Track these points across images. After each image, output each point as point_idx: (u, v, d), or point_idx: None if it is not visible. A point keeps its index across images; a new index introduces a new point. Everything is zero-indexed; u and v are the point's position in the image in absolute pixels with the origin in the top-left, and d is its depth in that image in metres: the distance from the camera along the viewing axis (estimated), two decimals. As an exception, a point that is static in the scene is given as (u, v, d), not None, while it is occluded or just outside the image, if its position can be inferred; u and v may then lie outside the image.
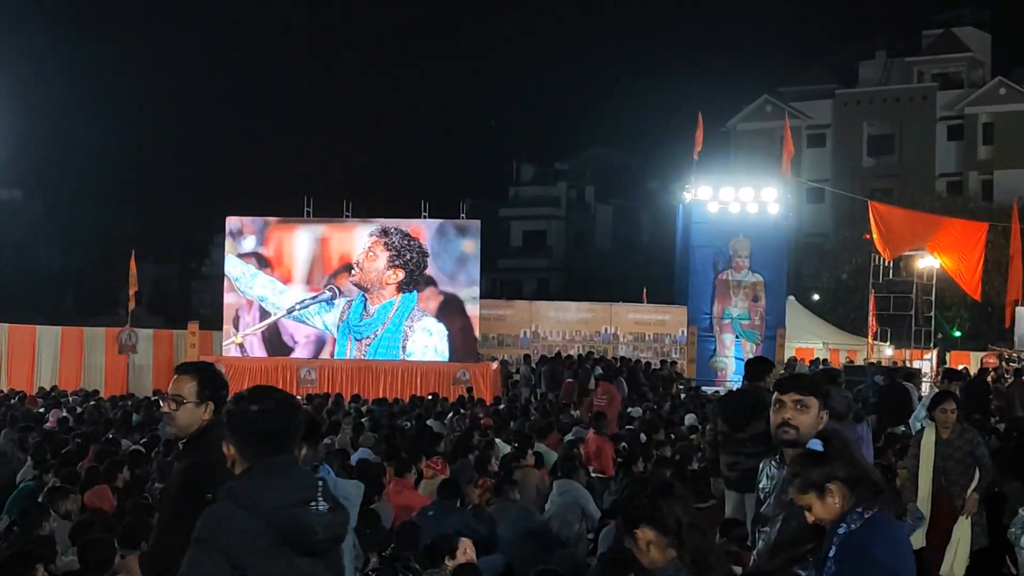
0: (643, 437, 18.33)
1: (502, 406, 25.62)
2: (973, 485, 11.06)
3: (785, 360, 36.59)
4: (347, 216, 35.40)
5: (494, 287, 65.60)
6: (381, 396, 29.05)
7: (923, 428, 11.57)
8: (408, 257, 34.30)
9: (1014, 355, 40.22)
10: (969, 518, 11.09)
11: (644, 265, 64.48)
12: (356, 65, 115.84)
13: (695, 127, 39.64)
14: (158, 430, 18.82)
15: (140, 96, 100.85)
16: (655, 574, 4.92)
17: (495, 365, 34.51)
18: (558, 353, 36.08)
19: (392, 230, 34.50)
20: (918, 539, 10.70)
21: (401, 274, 34.23)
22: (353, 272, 34.26)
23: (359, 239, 34.60)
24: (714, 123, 63.82)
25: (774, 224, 38.10)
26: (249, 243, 34.98)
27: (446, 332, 34.26)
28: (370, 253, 34.39)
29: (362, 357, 34.11)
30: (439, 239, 34.61)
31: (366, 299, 34.33)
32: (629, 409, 24.09)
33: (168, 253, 78.31)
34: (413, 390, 31.10)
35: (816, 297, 59.15)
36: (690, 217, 38.29)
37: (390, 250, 34.34)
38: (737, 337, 37.87)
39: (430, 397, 27.71)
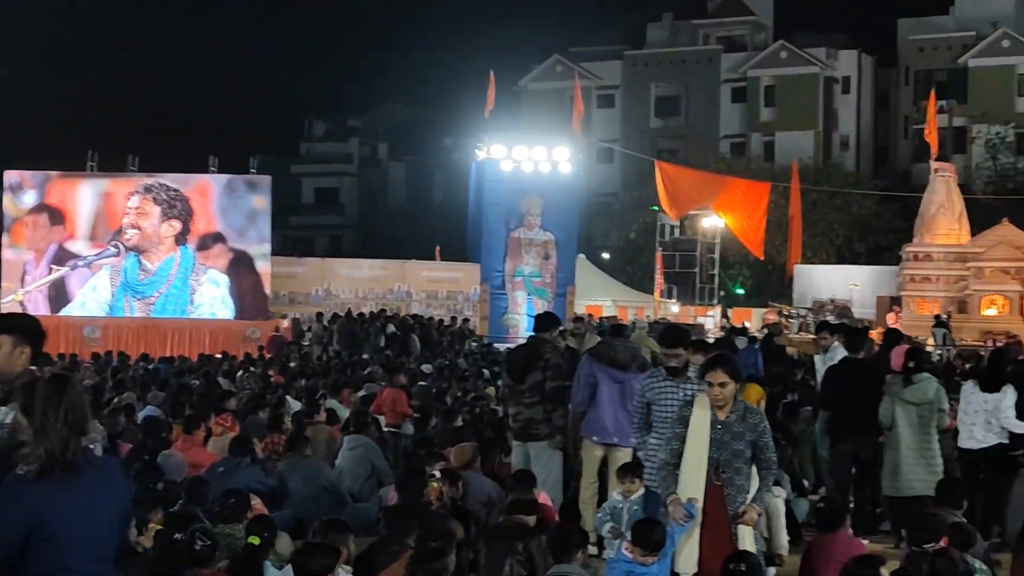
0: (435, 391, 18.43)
1: (293, 364, 25.40)
2: (752, 490, 8.08)
3: (575, 315, 37.09)
4: (132, 170, 34.56)
5: (285, 244, 64.86)
6: (169, 355, 28.50)
7: (691, 401, 8.28)
8: (179, 207, 33.78)
9: (793, 311, 41.65)
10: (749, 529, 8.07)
11: (437, 223, 64.56)
12: (141, 16, 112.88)
13: (488, 85, 39.78)
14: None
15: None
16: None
17: (286, 323, 34.20)
18: (349, 311, 35.91)
19: (155, 185, 33.90)
20: (691, 549, 7.94)
21: (177, 225, 33.71)
22: (128, 235, 33.52)
23: (126, 201, 33.86)
24: (506, 82, 64.21)
25: (565, 183, 38.57)
26: (30, 198, 33.88)
27: (232, 285, 33.92)
28: (140, 212, 33.70)
29: (147, 316, 33.43)
30: (228, 195, 34.07)
31: (140, 259, 33.64)
32: (423, 366, 24.17)
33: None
34: (202, 349, 30.61)
35: (606, 255, 60.10)
36: (483, 175, 38.49)
37: (160, 204, 33.73)
38: (529, 294, 38.29)
39: (220, 356, 27.33)
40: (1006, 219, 44.71)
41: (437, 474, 10.29)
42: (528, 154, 38.06)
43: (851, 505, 11.89)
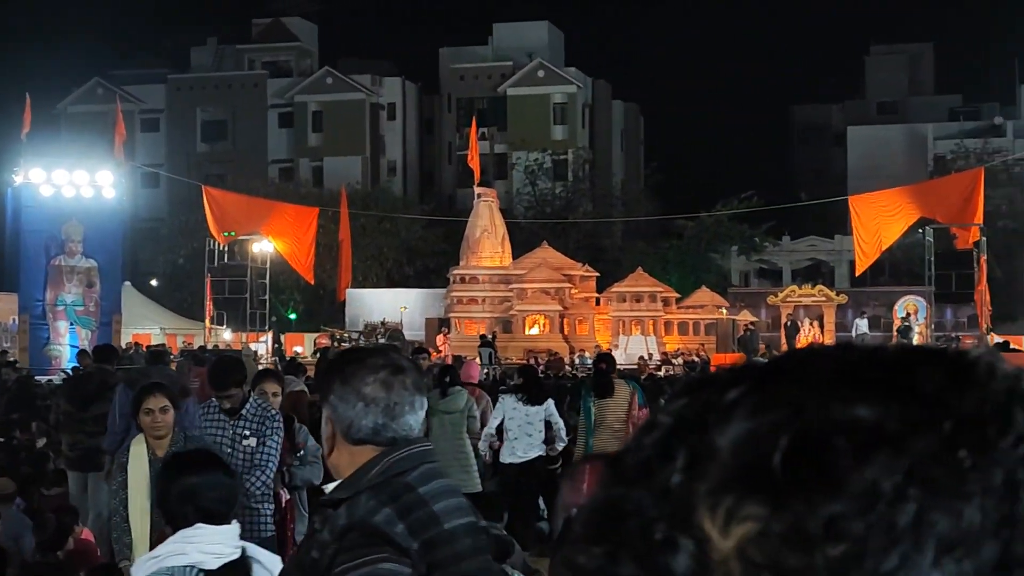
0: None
1: None
2: None
3: (125, 345, 36.07)
4: None
5: None
6: None
7: (128, 447, 7.43)
8: None
9: (345, 335, 42.06)
10: None
11: (-30, 252, 61.20)
12: None
13: (23, 108, 38.28)
14: None
15: None
16: None
17: None
18: None
19: None
20: None
21: None
22: None
23: None
24: (44, 104, 61.69)
25: (109, 209, 37.47)
26: None
27: None
28: None
29: None
30: None
31: None
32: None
33: None
34: None
35: (154, 282, 58.78)
36: (20, 201, 36.82)
37: None
38: (72, 324, 36.85)
39: None
40: (545, 242, 46.97)
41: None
42: (69, 179, 36.69)
43: None
